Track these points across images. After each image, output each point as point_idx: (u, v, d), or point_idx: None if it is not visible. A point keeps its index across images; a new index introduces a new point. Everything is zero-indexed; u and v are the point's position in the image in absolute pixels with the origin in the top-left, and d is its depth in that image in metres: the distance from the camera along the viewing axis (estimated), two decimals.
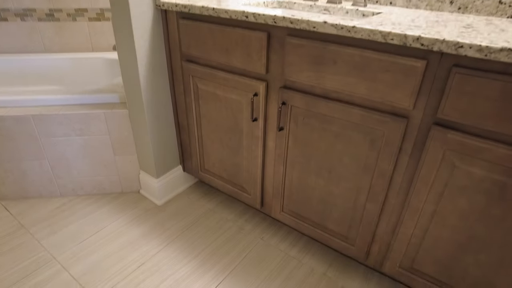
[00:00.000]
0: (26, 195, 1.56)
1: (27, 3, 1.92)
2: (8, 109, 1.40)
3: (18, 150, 1.43)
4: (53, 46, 2.06)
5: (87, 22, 2.02)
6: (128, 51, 1.23)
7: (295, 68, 0.98)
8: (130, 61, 1.25)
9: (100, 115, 1.40)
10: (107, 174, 1.55)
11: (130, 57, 1.24)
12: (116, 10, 1.18)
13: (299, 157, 1.11)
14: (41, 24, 1.99)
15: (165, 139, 1.47)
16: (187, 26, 1.18)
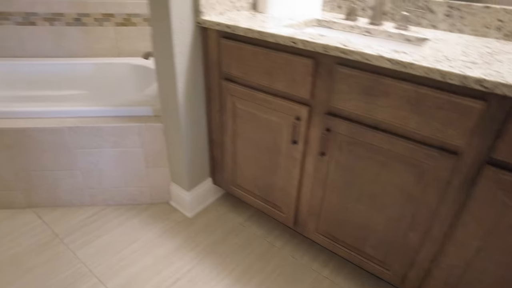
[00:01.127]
0: (57, 203, 1.58)
1: (56, 7, 1.92)
2: (44, 120, 1.41)
3: (52, 160, 1.45)
4: (80, 51, 2.06)
5: (113, 27, 2.02)
6: (167, 66, 1.23)
7: (343, 97, 0.98)
8: (169, 77, 1.25)
9: (135, 128, 1.41)
10: (138, 185, 1.57)
11: (168, 73, 1.24)
12: (157, 25, 1.18)
13: (340, 182, 1.11)
14: (68, 29, 1.99)
15: (198, 153, 1.48)
16: (228, 46, 1.17)
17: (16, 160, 1.43)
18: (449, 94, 0.81)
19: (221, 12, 1.25)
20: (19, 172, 1.47)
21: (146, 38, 2.06)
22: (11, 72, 1.97)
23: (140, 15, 1.99)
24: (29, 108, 1.41)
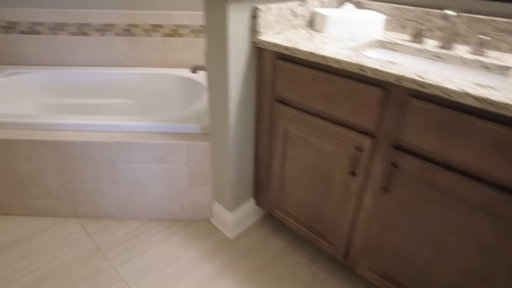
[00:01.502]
0: (101, 215, 1.58)
1: (108, 18, 1.95)
2: (93, 133, 1.41)
3: (98, 173, 1.45)
4: (127, 60, 2.08)
5: (161, 38, 2.02)
6: (220, 87, 1.19)
7: (414, 131, 0.89)
8: (221, 98, 1.21)
9: (182, 146, 1.38)
10: (180, 201, 1.54)
11: (221, 94, 1.20)
12: (212, 45, 1.14)
13: (403, 222, 1.02)
14: (117, 39, 2.01)
15: (243, 174, 1.43)
16: (285, 68, 1.11)
17: (64, 171, 1.45)
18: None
19: (278, 31, 1.19)
20: (66, 183, 1.49)
21: (193, 49, 2.05)
22: (63, 80, 2.02)
23: (188, 26, 1.98)
24: (79, 121, 1.42)
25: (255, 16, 1.10)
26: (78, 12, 1.93)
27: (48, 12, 1.93)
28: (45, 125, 1.42)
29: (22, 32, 1.99)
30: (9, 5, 1.92)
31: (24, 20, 1.95)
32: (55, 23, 1.96)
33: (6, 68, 2.00)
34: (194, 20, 1.96)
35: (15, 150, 1.40)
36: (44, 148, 1.39)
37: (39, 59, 2.07)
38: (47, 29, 1.98)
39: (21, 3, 1.91)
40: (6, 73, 1.95)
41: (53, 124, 1.42)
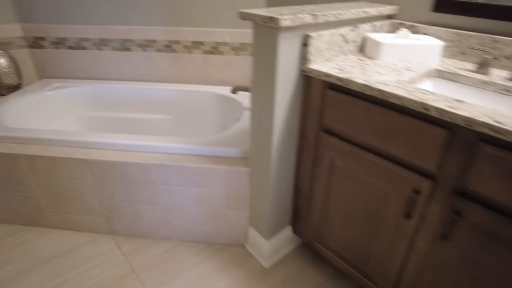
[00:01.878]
0: (136, 234, 1.58)
1: (151, 34, 1.97)
2: (132, 153, 1.41)
3: (136, 193, 1.44)
4: (168, 76, 2.09)
5: (201, 55, 2.01)
6: (265, 115, 1.14)
7: (483, 179, 0.80)
8: (265, 124, 1.16)
9: (221, 171, 1.35)
10: (215, 225, 1.50)
11: (265, 120, 1.15)
12: (259, 72, 1.10)
13: (462, 273, 0.92)
14: (159, 55, 2.03)
15: (281, 201, 1.37)
16: (335, 99, 1.05)
17: (104, 189, 1.45)
18: None
19: (328, 58, 1.13)
20: (104, 201, 1.49)
21: (232, 67, 2.02)
22: (105, 94, 2.06)
23: (228, 44, 1.96)
24: (120, 140, 1.42)
25: (306, 44, 1.05)
26: (122, 28, 1.97)
27: (94, 29, 1.98)
28: (88, 144, 1.43)
29: (70, 47, 2.05)
30: (61, 22, 1.98)
31: (72, 36, 2.01)
32: (100, 38, 2.01)
33: (54, 82, 2.07)
34: (235, 38, 1.94)
35: (58, 167, 1.42)
36: (86, 166, 1.40)
37: (85, 73, 2.13)
38: (92, 45, 2.04)
39: (72, 20, 1.97)
40: (53, 86, 2.02)
41: (95, 142, 1.43)
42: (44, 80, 2.10)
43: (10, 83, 1.91)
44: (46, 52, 2.08)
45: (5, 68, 1.86)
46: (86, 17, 1.96)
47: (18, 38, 2.03)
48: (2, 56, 1.86)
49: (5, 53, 1.87)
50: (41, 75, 2.17)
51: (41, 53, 2.09)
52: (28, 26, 2.02)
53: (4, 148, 1.44)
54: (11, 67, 1.89)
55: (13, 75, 1.91)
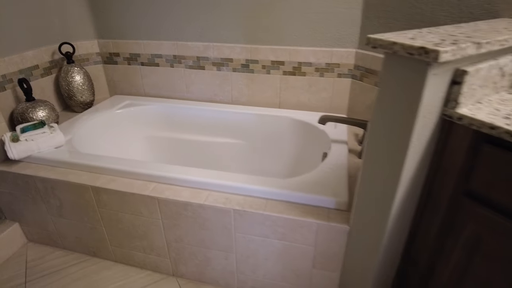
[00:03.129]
0: (202, 279, 1.39)
1: (227, 52, 1.80)
2: (208, 193, 1.22)
3: (209, 238, 1.25)
4: (242, 98, 1.91)
5: (280, 75, 1.80)
6: (389, 168, 0.88)
7: None
8: (387, 181, 0.90)
9: (311, 225, 1.10)
10: (296, 284, 1.26)
11: (388, 177, 0.89)
12: (387, 113, 0.84)
13: None
14: (234, 75, 1.86)
15: (385, 270, 1.08)
16: (498, 158, 0.75)
17: (173, 230, 1.28)
18: None
19: (479, 98, 0.84)
20: (172, 242, 1.32)
21: (314, 90, 1.78)
22: (175, 114, 1.93)
23: (313, 64, 1.73)
24: (195, 177, 1.24)
25: (457, 81, 0.77)
26: (198, 45, 1.83)
27: (169, 45, 1.86)
28: (159, 178, 1.27)
29: (142, 64, 1.96)
30: (136, 38, 1.89)
31: (145, 52, 1.92)
32: (174, 55, 1.89)
33: (125, 99, 1.99)
34: (321, 58, 1.70)
35: (126, 202, 1.27)
36: (155, 205, 1.23)
37: (155, 90, 2.02)
38: (165, 62, 1.92)
39: (147, 36, 1.88)
40: (124, 103, 1.93)
41: (167, 178, 1.26)
42: (115, 97, 2.03)
43: (84, 100, 1.85)
44: (118, 68, 2.01)
45: (80, 85, 1.80)
46: (162, 33, 1.85)
47: (95, 54, 1.98)
48: (78, 73, 1.80)
49: (81, 70, 1.82)
50: (112, 91, 2.10)
51: (114, 69, 2.03)
52: (104, 42, 1.96)
53: (74, 176, 1.33)
54: (85, 84, 1.83)
55: (87, 92, 1.85)
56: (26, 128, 1.43)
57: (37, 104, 1.61)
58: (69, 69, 1.79)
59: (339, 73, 1.72)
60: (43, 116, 1.60)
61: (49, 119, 1.63)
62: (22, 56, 1.67)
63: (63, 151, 1.43)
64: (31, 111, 1.58)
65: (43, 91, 1.81)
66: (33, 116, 1.58)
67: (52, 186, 1.36)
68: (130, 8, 1.82)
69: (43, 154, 1.41)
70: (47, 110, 1.62)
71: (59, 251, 1.58)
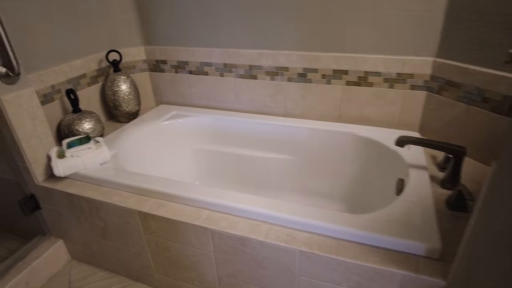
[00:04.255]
0: None
1: (283, 61, 1.63)
2: (269, 227, 1.05)
3: (267, 279, 1.09)
4: (296, 109, 1.73)
5: (342, 86, 1.60)
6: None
7: None
8: None
9: (395, 276, 0.90)
10: None
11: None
12: None
13: None
14: (289, 85, 1.68)
15: None
16: None
17: (226, 265, 1.13)
18: None
19: None
20: (224, 277, 1.17)
21: (381, 103, 1.57)
22: (223, 126, 1.79)
23: (382, 73, 1.52)
24: (254, 208, 1.08)
25: None
26: (250, 52, 1.68)
27: (219, 52, 1.73)
28: (213, 206, 1.13)
29: (190, 72, 1.84)
30: (184, 44, 1.78)
31: (194, 60, 1.80)
32: (224, 64, 1.75)
33: (172, 109, 1.88)
34: (392, 67, 1.49)
35: (176, 231, 1.14)
36: (209, 236, 1.09)
37: (203, 100, 1.90)
38: (214, 70, 1.79)
39: (196, 43, 1.76)
40: (171, 114, 1.82)
41: (222, 206, 1.11)
42: (161, 106, 1.93)
43: (129, 110, 1.76)
44: (165, 76, 1.91)
45: (126, 95, 1.72)
46: (212, 40, 1.72)
47: (141, 61, 1.89)
48: (125, 82, 1.71)
49: (127, 78, 1.73)
50: (158, 100, 2.01)
51: (160, 77, 1.93)
52: (150, 49, 1.87)
53: (119, 198, 1.23)
54: (131, 94, 1.74)
55: (133, 102, 1.76)
56: (72, 143, 1.34)
57: (83, 115, 1.53)
58: (115, 77, 1.70)
59: (412, 84, 1.50)
60: (89, 128, 1.52)
61: (95, 131, 1.55)
62: (70, 65, 1.60)
63: (109, 169, 1.33)
64: (77, 123, 1.50)
65: (89, 101, 1.74)
66: (79, 129, 1.50)
67: (97, 207, 1.26)
68: (179, 14, 1.71)
69: (88, 171, 1.32)
70: (93, 122, 1.54)
71: (102, 272, 1.49)
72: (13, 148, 1.29)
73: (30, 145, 1.30)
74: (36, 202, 1.42)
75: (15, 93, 1.22)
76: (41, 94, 1.48)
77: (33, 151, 1.31)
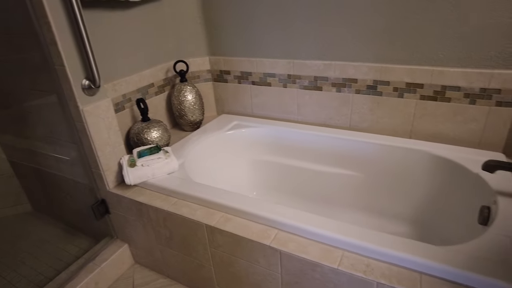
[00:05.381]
0: None
1: (351, 72, 1.56)
2: (342, 253, 0.99)
3: None
4: (363, 123, 1.65)
5: (416, 100, 1.49)
6: None
7: None
8: None
9: None
10: None
11: None
12: None
13: None
14: (356, 97, 1.60)
15: None
16: None
17: (293, 287, 1.09)
18: None
19: None
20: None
21: (458, 119, 1.44)
22: (284, 138, 1.76)
23: (462, 88, 1.39)
24: (328, 232, 1.02)
25: None
26: (316, 63, 1.62)
27: (284, 63, 1.70)
28: (282, 225, 1.09)
29: (253, 83, 1.83)
30: (249, 55, 1.77)
31: (258, 70, 1.78)
32: (288, 74, 1.72)
33: (233, 119, 1.89)
34: (475, 81, 1.36)
35: (242, 247, 1.12)
36: (276, 256, 1.06)
37: (265, 111, 1.89)
38: (278, 81, 1.76)
39: (261, 54, 1.74)
40: (232, 124, 1.83)
41: (292, 227, 1.07)
42: (223, 116, 1.94)
43: (194, 120, 1.79)
44: (228, 86, 1.92)
45: (192, 105, 1.75)
46: (277, 51, 1.69)
47: (205, 71, 1.92)
48: (191, 92, 1.74)
49: (193, 88, 1.76)
50: (219, 110, 2.03)
51: (223, 87, 1.94)
52: (215, 59, 1.89)
53: (187, 210, 1.23)
54: (196, 104, 1.77)
55: (197, 112, 1.78)
56: (142, 152, 1.38)
57: (152, 124, 1.57)
58: (182, 87, 1.74)
59: (499, 100, 1.35)
60: (156, 137, 1.56)
61: (162, 140, 1.59)
62: (140, 75, 1.66)
63: (177, 179, 1.35)
64: (146, 132, 1.55)
65: (156, 109, 1.79)
66: (147, 137, 1.54)
67: (165, 217, 1.28)
68: (245, 25, 1.71)
69: (157, 180, 1.35)
70: (160, 131, 1.58)
71: (164, 279, 1.52)
72: (89, 155, 1.36)
73: (104, 153, 1.35)
74: (106, 207, 1.49)
75: (94, 104, 1.28)
76: (114, 103, 1.55)
77: (106, 159, 1.37)
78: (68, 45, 1.16)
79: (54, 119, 1.44)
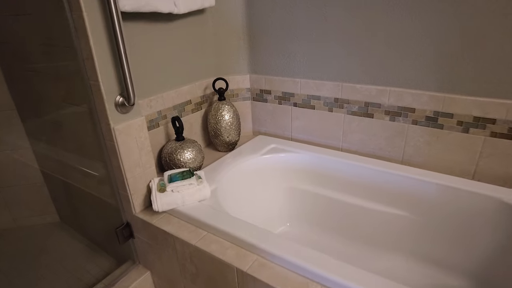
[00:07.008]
0: None
1: (408, 101, 1.39)
2: None
3: None
4: (416, 157, 1.46)
5: (485, 137, 1.29)
6: None
7: None
8: None
9: None
10: None
11: None
12: None
13: None
14: (412, 128, 1.42)
15: None
16: None
17: None
18: None
19: None
20: None
21: None
22: (326, 167, 1.59)
23: None
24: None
25: None
26: (369, 88, 1.46)
27: (331, 86, 1.55)
28: (325, 281, 0.93)
29: (295, 104, 1.69)
30: (293, 75, 1.64)
31: (301, 92, 1.65)
32: (335, 98, 1.56)
33: (271, 141, 1.75)
34: None
35: None
36: None
37: (304, 135, 1.74)
38: (323, 104, 1.61)
39: (306, 75, 1.61)
40: (269, 148, 1.69)
41: (339, 285, 0.91)
42: (259, 138, 1.81)
43: (229, 141, 1.68)
44: (267, 106, 1.79)
45: (228, 125, 1.64)
46: (325, 72, 1.55)
47: (245, 89, 1.81)
48: (228, 111, 1.63)
49: (231, 108, 1.65)
50: (256, 130, 1.90)
51: (262, 107, 1.82)
52: (256, 78, 1.77)
53: (217, 247, 1.10)
54: (233, 124, 1.65)
55: (233, 132, 1.67)
56: (174, 177, 1.27)
57: (186, 144, 1.47)
58: (220, 106, 1.63)
59: None
60: (190, 158, 1.45)
61: (195, 162, 1.48)
62: (178, 91, 1.58)
63: (208, 208, 1.23)
64: (179, 153, 1.44)
65: (191, 126, 1.70)
66: (180, 158, 1.44)
67: (191, 252, 1.15)
68: (289, 43, 1.58)
69: (186, 208, 1.24)
70: (194, 152, 1.47)
71: None
72: (118, 176, 1.27)
73: (134, 175, 1.26)
74: (131, 230, 1.39)
75: (127, 122, 1.19)
76: (148, 120, 1.46)
77: (135, 181, 1.27)
78: (105, 61, 1.08)
79: (84, 133, 1.37)
